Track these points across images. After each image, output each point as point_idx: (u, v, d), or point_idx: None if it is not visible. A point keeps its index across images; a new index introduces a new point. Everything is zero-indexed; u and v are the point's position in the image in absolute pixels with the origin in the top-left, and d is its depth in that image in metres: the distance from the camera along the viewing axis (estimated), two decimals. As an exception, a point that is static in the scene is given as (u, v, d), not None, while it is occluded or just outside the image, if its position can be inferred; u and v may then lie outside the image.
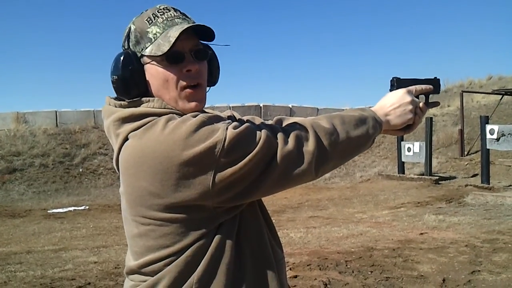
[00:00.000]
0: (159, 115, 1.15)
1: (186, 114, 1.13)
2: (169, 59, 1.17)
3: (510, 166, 13.11)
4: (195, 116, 1.10)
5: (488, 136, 11.40)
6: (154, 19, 1.19)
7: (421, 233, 7.08)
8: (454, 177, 13.70)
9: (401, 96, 1.34)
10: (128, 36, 1.22)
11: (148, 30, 1.19)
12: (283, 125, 1.34)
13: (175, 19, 1.20)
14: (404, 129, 1.39)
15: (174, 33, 1.14)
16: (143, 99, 1.20)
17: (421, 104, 1.38)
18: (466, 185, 11.95)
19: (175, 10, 1.23)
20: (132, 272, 1.22)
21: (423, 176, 13.62)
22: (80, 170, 15.59)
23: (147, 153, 1.09)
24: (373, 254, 5.89)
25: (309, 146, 1.14)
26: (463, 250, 5.93)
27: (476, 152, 14.88)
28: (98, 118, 17.53)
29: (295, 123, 1.23)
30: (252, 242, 1.20)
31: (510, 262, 5.33)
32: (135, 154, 1.12)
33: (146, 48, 1.19)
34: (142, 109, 1.17)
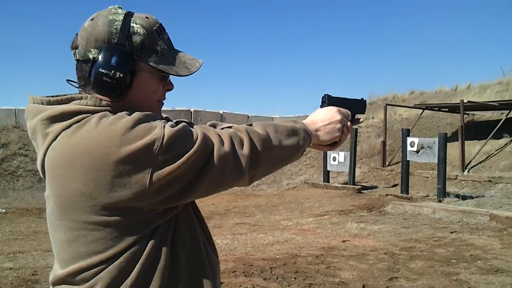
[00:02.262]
0: (93, 113, 1.10)
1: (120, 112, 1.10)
2: (164, 76, 1.24)
3: (427, 177, 13.79)
4: (130, 114, 1.07)
5: (409, 148, 11.95)
6: (161, 33, 1.22)
7: (343, 241, 7.29)
8: (376, 187, 14.22)
9: (332, 114, 1.39)
10: (128, 32, 1.16)
11: (158, 42, 1.20)
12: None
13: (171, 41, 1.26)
14: (330, 145, 1.45)
15: (193, 62, 1.25)
16: (75, 96, 1.15)
17: (348, 123, 1.45)
18: (387, 195, 12.45)
19: None
20: (59, 281, 1.15)
21: (346, 185, 14.04)
22: (-3, 170, 14.79)
23: (79, 150, 1.04)
24: (297, 261, 5.99)
25: (244, 149, 1.14)
26: (382, 258, 6.16)
27: (397, 163, 15.55)
28: (20, 117, 16.72)
29: (229, 127, 1.24)
30: (186, 247, 1.18)
31: (426, 269, 5.60)
32: (64, 153, 1.06)
33: (150, 57, 1.18)
34: (74, 106, 1.12)
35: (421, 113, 17.94)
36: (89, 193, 1.04)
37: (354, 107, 1.52)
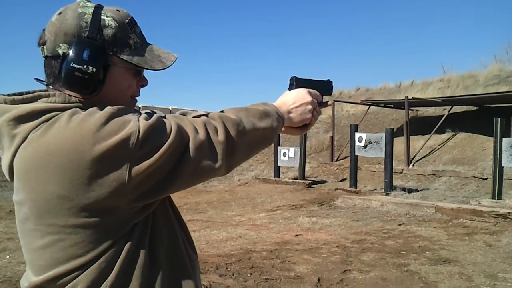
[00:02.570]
0: (63, 110, 1.05)
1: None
2: (138, 71, 1.21)
3: (374, 171, 14.15)
4: (101, 109, 1.03)
5: (357, 143, 12.22)
6: (133, 26, 1.19)
7: (296, 235, 7.38)
8: (325, 181, 14.47)
9: (302, 95, 1.38)
10: (99, 25, 1.12)
11: (131, 36, 1.17)
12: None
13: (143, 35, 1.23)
14: (301, 128, 1.44)
15: (168, 56, 1.22)
16: (42, 93, 1.10)
17: (317, 107, 1.43)
18: (336, 189, 12.69)
19: None
20: None
21: (297, 180, 14.21)
22: None
23: (51, 151, 0.99)
24: (252, 256, 6.02)
25: (219, 136, 1.12)
26: (335, 251, 6.28)
27: (344, 158, 15.87)
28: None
29: (202, 115, 1.21)
30: (165, 243, 1.16)
31: (377, 261, 5.75)
32: (36, 155, 1.01)
33: (123, 51, 1.15)
34: (42, 105, 1.06)
35: (368, 109, 18.34)
36: (67, 195, 1.00)
37: (322, 89, 1.50)
